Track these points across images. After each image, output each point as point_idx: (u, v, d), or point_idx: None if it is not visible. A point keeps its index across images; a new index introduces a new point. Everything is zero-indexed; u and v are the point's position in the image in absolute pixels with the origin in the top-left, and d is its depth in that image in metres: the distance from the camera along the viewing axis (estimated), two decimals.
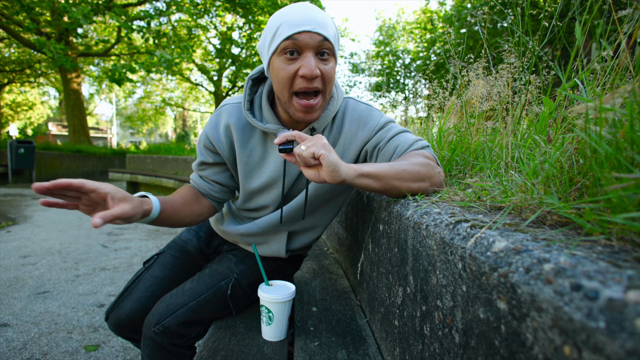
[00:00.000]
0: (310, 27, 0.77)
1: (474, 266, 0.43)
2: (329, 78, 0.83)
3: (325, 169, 0.67)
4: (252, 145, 0.97)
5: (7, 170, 8.46)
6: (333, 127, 0.96)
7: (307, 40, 0.78)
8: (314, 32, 0.78)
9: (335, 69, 0.86)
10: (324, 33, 0.78)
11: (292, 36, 0.78)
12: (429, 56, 12.19)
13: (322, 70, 0.81)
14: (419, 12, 13.82)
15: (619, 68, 0.64)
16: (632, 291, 0.26)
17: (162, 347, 0.97)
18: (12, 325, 1.84)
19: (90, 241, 3.52)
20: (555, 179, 0.51)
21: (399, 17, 16.59)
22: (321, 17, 0.80)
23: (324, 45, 0.80)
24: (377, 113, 0.96)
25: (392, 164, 0.75)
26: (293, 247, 1.11)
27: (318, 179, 0.70)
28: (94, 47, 12.73)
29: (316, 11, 0.81)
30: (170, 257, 1.18)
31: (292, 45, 0.79)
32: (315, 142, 0.69)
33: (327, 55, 0.81)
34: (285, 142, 0.74)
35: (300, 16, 0.79)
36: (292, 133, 0.73)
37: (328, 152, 0.66)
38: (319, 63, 0.81)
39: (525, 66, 1.11)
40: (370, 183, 0.72)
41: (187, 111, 32.47)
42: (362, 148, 0.95)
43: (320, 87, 0.83)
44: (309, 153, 0.67)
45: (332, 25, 0.82)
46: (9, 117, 19.71)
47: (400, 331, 0.72)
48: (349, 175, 0.69)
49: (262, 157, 0.98)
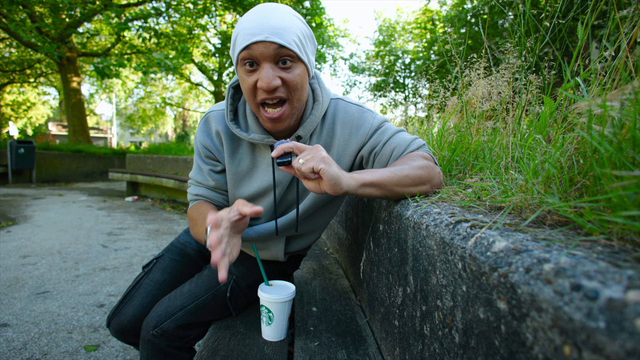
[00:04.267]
0: (264, 36, 0.73)
1: (474, 266, 0.43)
2: (294, 85, 0.79)
3: (326, 183, 0.65)
4: (240, 155, 0.95)
5: (7, 170, 8.46)
6: (323, 131, 0.92)
7: (262, 50, 0.74)
8: (268, 42, 0.73)
9: (306, 73, 0.82)
10: (279, 41, 0.73)
11: (248, 47, 0.75)
12: (429, 56, 12.19)
13: (284, 79, 0.77)
14: (419, 12, 13.83)
15: (621, 68, 0.64)
16: (632, 291, 0.26)
17: (160, 349, 0.97)
18: (12, 325, 1.84)
19: (90, 241, 3.52)
20: (556, 178, 0.51)
21: (399, 17, 16.60)
22: (279, 22, 0.75)
23: (281, 53, 0.75)
24: (369, 114, 0.92)
25: (393, 170, 0.74)
26: (291, 249, 1.10)
27: (319, 190, 0.68)
28: (93, 46, 12.74)
29: (274, 15, 0.76)
30: (170, 260, 1.17)
31: (248, 56, 0.76)
32: (314, 155, 0.67)
33: (290, 63, 0.77)
34: (283, 155, 0.71)
35: (254, 24, 0.74)
36: (289, 145, 0.70)
37: (328, 165, 0.65)
38: (281, 72, 0.77)
39: (526, 66, 1.11)
40: (372, 192, 0.71)
41: (187, 111, 32.48)
42: (358, 153, 0.92)
43: (285, 96, 0.79)
44: (308, 168, 0.65)
45: (294, 29, 0.76)
46: (10, 117, 19.70)
47: (400, 331, 0.72)
48: (351, 186, 0.68)
49: (251, 166, 0.95)
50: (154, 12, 10.40)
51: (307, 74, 0.83)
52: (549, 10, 0.97)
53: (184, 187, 5.39)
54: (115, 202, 6.27)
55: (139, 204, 6.18)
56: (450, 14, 10.00)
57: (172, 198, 6.49)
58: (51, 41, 9.09)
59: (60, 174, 9.81)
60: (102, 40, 13.48)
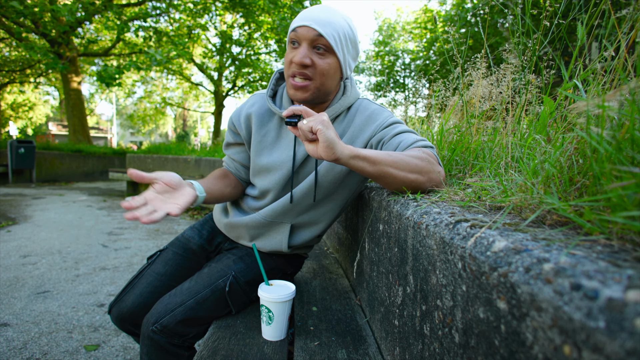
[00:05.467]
0: (309, 22, 0.88)
1: (474, 266, 0.43)
2: (321, 71, 0.91)
3: (321, 144, 0.70)
4: (268, 128, 1.06)
5: (7, 170, 8.46)
6: (345, 120, 1.03)
7: (304, 33, 0.89)
8: (310, 27, 0.88)
9: (338, 68, 0.94)
10: (318, 29, 0.87)
11: (295, 29, 0.90)
12: (429, 56, 12.18)
13: (314, 62, 0.90)
14: (419, 11, 13.82)
15: (618, 69, 0.64)
16: (632, 291, 0.26)
17: (160, 346, 0.97)
18: (12, 325, 1.84)
19: (90, 241, 3.52)
20: (555, 178, 0.51)
21: (398, 17, 16.60)
22: (327, 17, 0.89)
23: (318, 41, 0.89)
24: (387, 113, 1.02)
25: (390, 153, 0.78)
26: (295, 242, 1.12)
27: (316, 153, 0.74)
28: (94, 46, 12.72)
29: (325, 12, 0.90)
30: (173, 253, 1.20)
31: (293, 36, 0.91)
32: (316, 117, 0.73)
33: (323, 51, 0.90)
34: (293, 116, 0.79)
35: (307, 14, 0.90)
36: (300, 108, 0.78)
37: (325, 128, 0.70)
38: (314, 55, 0.90)
39: (526, 66, 1.11)
40: (365, 166, 0.74)
41: (187, 111, 32.49)
42: (368, 141, 0.99)
43: (311, 75, 0.91)
44: (308, 127, 0.72)
45: (337, 27, 0.90)
46: (10, 117, 19.70)
47: (400, 331, 0.72)
48: (344, 154, 0.72)
49: (275, 139, 1.06)
50: (153, 12, 10.40)
51: (338, 69, 0.95)
52: (548, 10, 0.97)
53: None
54: (115, 202, 6.27)
55: None
56: (450, 13, 10.00)
57: None
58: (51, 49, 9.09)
59: (61, 173, 9.81)
60: (102, 40, 13.46)
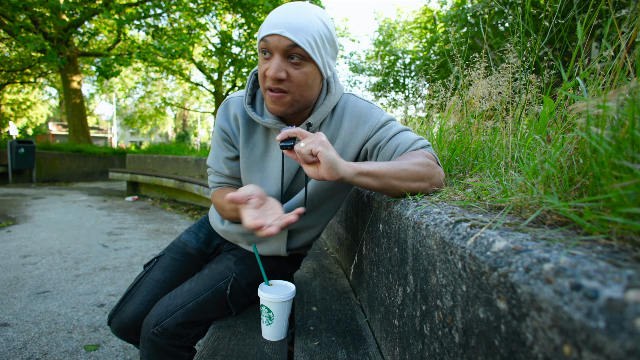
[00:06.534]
0: (279, 30, 0.78)
1: (474, 266, 0.43)
2: (298, 83, 0.83)
3: (323, 166, 0.68)
4: (255, 140, 0.99)
5: (7, 170, 8.46)
6: (332, 122, 0.97)
7: (276, 43, 0.80)
8: (282, 36, 0.79)
9: (317, 73, 0.86)
10: (293, 38, 0.78)
11: (265, 38, 0.81)
12: (429, 56, 12.17)
13: (290, 74, 0.82)
14: (419, 12, 13.81)
15: (618, 69, 0.64)
16: (632, 291, 0.26)
17: (160, 348, 0.97)
18: (12, 325, 1.84)
19: (90, 241, 3.52)
20: (555, 178, 0.51)
21: (398, 17, 16.59)
22: (299, 20, 0.79)
23: (292, 51, 0.80)
24: (377, 111, 0.96)
25: (392, 163, 0.76)
26: (293, 245, 1.11)
27: (317, 176, 0.71)
28: (93, 45, 12.72)
29: (296, 14, 0.80)
30: (170, 259, 1.18)
31: (264, 46, 0.82)
32: (314, 139, 0.70)
33: (299, 59, 0.81)
34: (287, 139, 0.75)
35: (276, 19, 0.80)
36: (293, 130, 0.74)
37: (326, 149, 0.67)
38: (289, 66, 0.82)
39: (526, 66, 1.11)
40: (369, 182, 0.72)
41: (187, 111, 32.48)
42: (362, 146, 0.95)
43: (286, 89, 0.84)
44: (307, 150, 0.68)
45: (311, 30, 0.80)
46: (10, 117, 19.69)
47: (400, 331, 0.72)
48: (347, 173, 0.70)
49: (264, 152, 1.00)
50: (153, 12, 10.40)
51: (318, 74, 0.87)
52: (548, 10, 0.97)
53: (184, 187, 5.39)
54: (115, 201, 6.27)
55: (139, 203, 6.18)
56: (450, 13, 9.99)
57: (172, 198, 6.49)
58: (51, 43, 9.08)
59: (61, 173, 9.81)
60: (102, 40, 13.46)
